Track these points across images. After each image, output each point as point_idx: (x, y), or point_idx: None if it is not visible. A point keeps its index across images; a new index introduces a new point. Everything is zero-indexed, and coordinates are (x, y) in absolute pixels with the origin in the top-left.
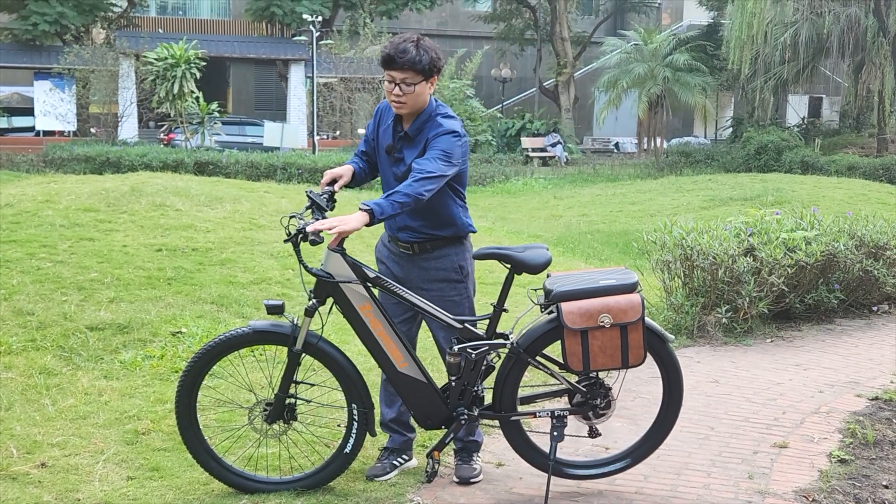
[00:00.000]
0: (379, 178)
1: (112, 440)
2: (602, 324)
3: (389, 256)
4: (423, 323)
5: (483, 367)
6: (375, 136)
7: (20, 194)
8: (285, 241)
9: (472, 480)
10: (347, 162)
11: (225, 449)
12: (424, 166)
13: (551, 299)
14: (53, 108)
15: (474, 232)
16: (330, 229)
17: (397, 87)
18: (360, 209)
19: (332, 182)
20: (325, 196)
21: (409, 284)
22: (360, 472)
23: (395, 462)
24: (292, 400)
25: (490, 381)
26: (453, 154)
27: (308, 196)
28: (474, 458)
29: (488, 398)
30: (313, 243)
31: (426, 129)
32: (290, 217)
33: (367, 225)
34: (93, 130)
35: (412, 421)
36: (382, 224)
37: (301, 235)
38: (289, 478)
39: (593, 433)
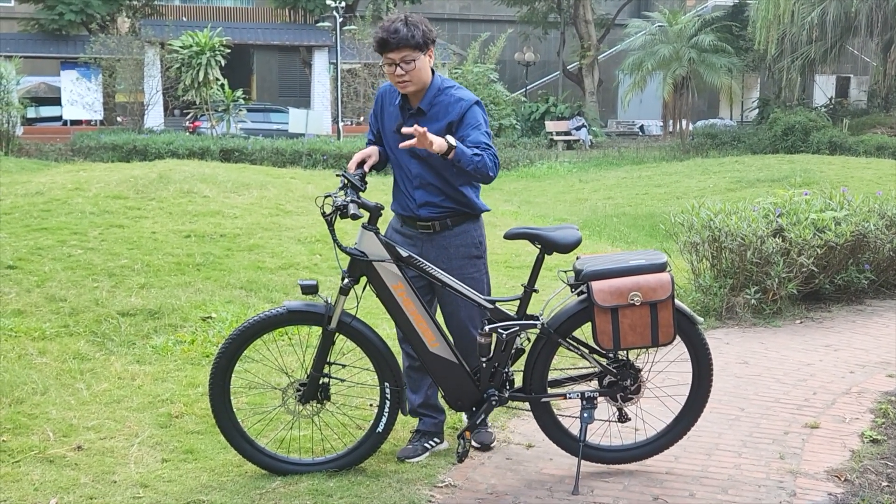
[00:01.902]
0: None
1: (146, 423)
2: (632, 302)
3: (404, 241)
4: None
5: (513, 350)
6: (381, 122)
7: (50, 182)
8: (325, 216)
9: (493, 445)
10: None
11: (257, 432)
12: (492, 149)
13: (581, 279)
14: (80, 97)
15: (488, 211)
16: (423, 137)
17: (398, 68)
18: (447, 141)
19: (361, 164)
20: (357, 176)
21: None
22: (391, 453)
23: (426, 444)
24: (326, 379)
25: (520, 365)
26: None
27: (343, 175)
28: (487, 423)
29: (518, 382)
30: (354, 218)
31: (441, 103)
32: (325, 196)
33: (442, 155)
34: (119, 119)
35: (441, 402)
36: (391, 212)
37: (339, 212)
38: (321, 459)
39: (623, 417)
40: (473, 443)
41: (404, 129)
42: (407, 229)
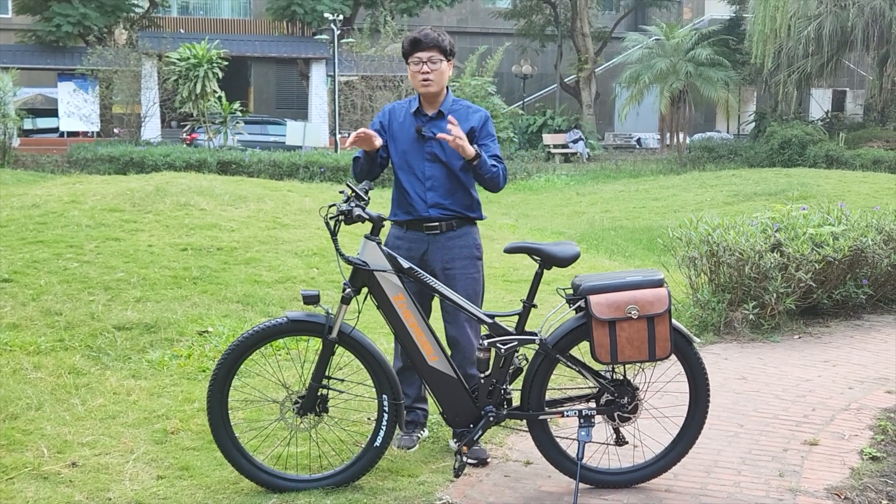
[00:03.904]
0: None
1: (141, 439)
2: (629, 315)
3: (409, 247)
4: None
5: (511, 368)
6: (389, 134)
7: (46, 195)
8: (327, 223)
9: (488, 460)
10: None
11: (254, 448)
12: (503, 164)
13: (580, 293)
14: (77, 108)
15: (483, 219)
16: (458, 138)
17: (425, 66)
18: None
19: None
20: (362, 189)
21: (431, 266)
22: (387, 470)
23: (417, 435)
24: (325, 391)
25: (518, 385)
26: None
27: (348, 185)
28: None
29: (516, 402)
30: (360, 220)
31: (458, 111)
32: (330, 206)
33: (469, 160)
34: (116, 131)
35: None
36: (390, 222)
37: (344, 216)
38: (318, 475)
39: (620, 440)
40: (469, 459)
41: (448, 127)
42: (412, 233)
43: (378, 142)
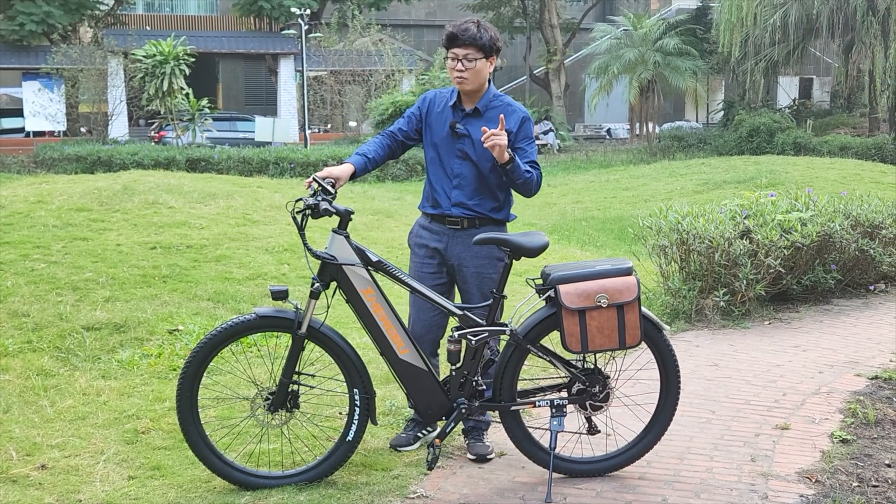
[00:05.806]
0: (369, 171)
1: (112, 440)
2: (599, 304)
3: (431, 237)
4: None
5: (483, 360)
6: (426, 122)
7: (12, 195)
8: (294, 218)
9: (489, 456)
10: (374, 139)
11: (225, 446)
12: (539, 169)
13: (549, 283)
14: (43, 108)
15: (512, 220)
16: (497, 142)
17: (460, 63)
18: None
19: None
20: (329, 182)
21: (450, 261)
22: (361, 465)
23: (419, 434)
24: (295, 387)
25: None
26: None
27: (315, 179)
28: (485, 437)
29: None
30: (326, 213)
31: (497, 108)
32: (297, 200)
33: (502, 164)
34: (83, 130)
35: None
36: (419, 211)
37: (311, 211)
38: (291, 472)
39: (592, 429)
40: (469, 455)
41: (483, 129)
42: (435, 225)
43: (343, 181)
